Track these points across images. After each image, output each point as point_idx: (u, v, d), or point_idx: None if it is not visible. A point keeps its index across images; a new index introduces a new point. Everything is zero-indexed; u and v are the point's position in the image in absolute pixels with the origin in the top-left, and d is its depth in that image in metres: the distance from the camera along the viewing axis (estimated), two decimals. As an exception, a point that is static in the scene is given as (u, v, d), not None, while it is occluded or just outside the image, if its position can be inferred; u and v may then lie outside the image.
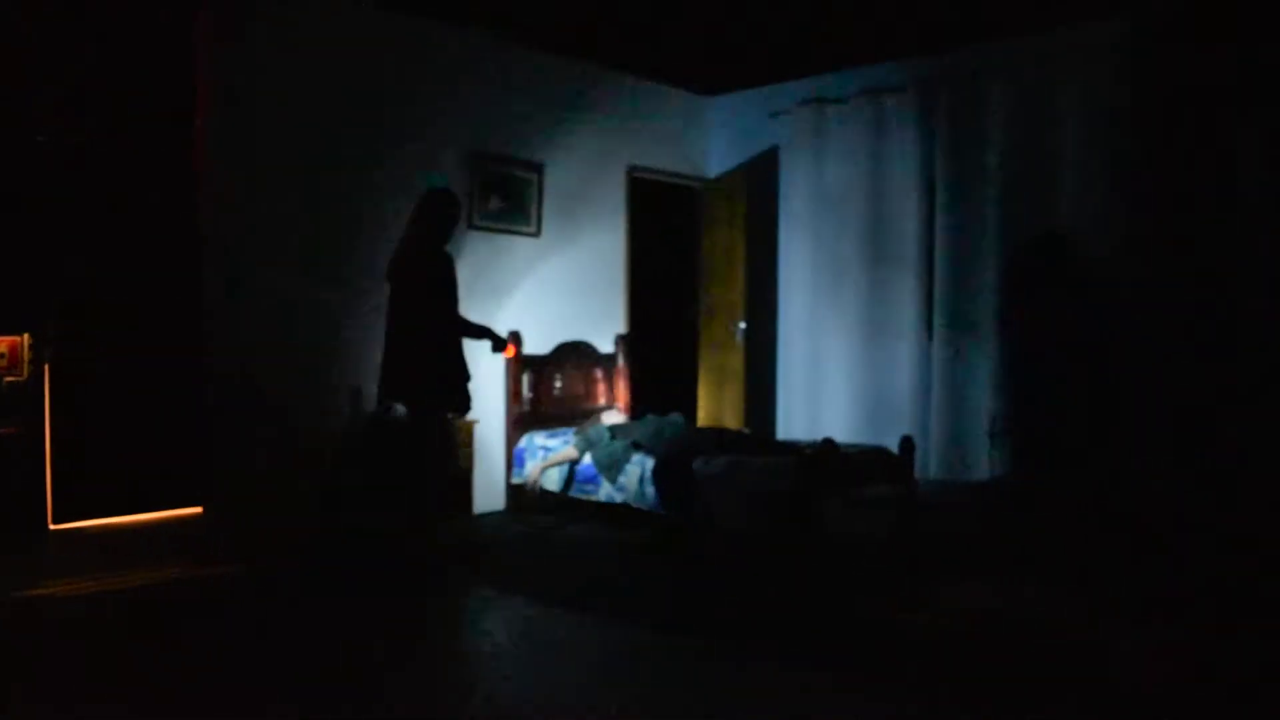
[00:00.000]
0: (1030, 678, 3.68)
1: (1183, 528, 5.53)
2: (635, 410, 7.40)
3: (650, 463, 5.86)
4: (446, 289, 5.13)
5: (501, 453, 6.68)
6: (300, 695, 3.51)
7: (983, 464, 6.54)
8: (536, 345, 6.92)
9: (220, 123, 5.43)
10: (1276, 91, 5.46)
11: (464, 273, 6.44)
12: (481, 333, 5.49)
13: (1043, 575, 5.01)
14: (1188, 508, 5.58)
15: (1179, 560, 5.27)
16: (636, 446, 6.06)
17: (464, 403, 5.33)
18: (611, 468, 6.03)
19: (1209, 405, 5.64)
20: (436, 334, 5.13)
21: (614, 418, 6.90)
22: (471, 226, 6.53)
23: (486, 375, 6.52)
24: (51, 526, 5.46)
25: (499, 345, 5.60)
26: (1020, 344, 6.38)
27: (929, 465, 6.73)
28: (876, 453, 5.93)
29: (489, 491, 6.59)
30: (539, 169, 6.96)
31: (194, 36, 5.40)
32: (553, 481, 6.36)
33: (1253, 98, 5.53)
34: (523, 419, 6.77)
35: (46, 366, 5.40)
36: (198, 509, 5.62)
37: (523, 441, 6.66)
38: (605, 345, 7.47)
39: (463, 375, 5.25)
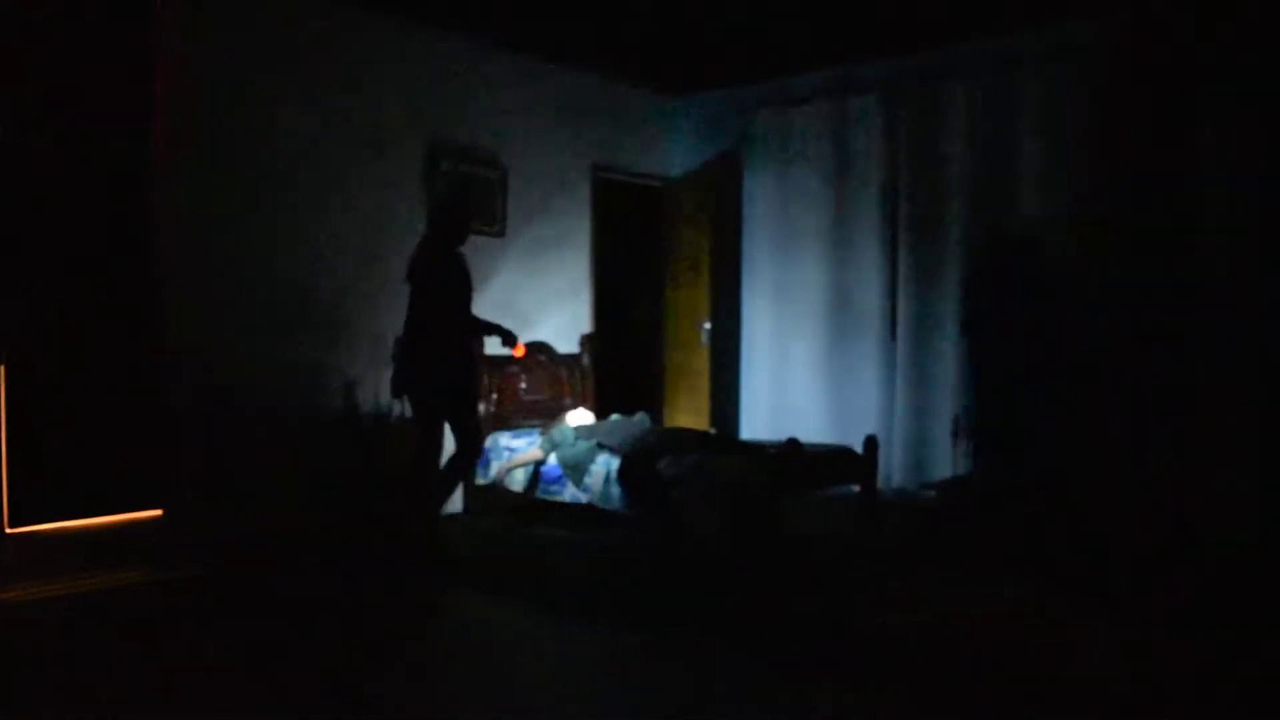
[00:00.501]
0: (995, 677, 3.72)
1: (1147, 526, 5.60)
2: (601, 410, 7.39)
3: (616, 463, 5.86)
4: (459, 289, 5.38)
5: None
6: (275, 699, 3.48)
7: (947, 464, 6.60)
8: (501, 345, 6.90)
9: (179, 121, 5.38)
10: (1234, 90, 5.54)
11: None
12: (492, 330, 5.64)
13: (1002, 574, 5.05)
14: (1152, 506, 5.66)
15: (1142, 558, 5.34)
16: (602, 447, 6.06)
17: (469, 393, 5.51)
18: (577, 468, 6.03)
19: (1172, 403, 5.71)
20: (447, 332, 5.35)
21: (580, 418, 6.89)
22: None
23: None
24: (8, 530, 5.37)
25: (509, 341, 5.69)
26: (984, 344, 6.44)
27: (893, 465, 6.79)
28: (841, 453, 5.97)
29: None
30: (503, 168, 6.93)
31: (152, 34, 5.34)
32: (518, 482, 6.34)
33: (1211, 97, 5.61)
34: (488, 419, 6.75)
35: (3, 368, 5.31)
36: (159, 511, 5.56)
37: (488, 442, 6.63)
38: (571, 345, 7.45)
39: (471, 372, 5.50)
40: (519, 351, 5.89)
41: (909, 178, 6.80)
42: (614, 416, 6.57)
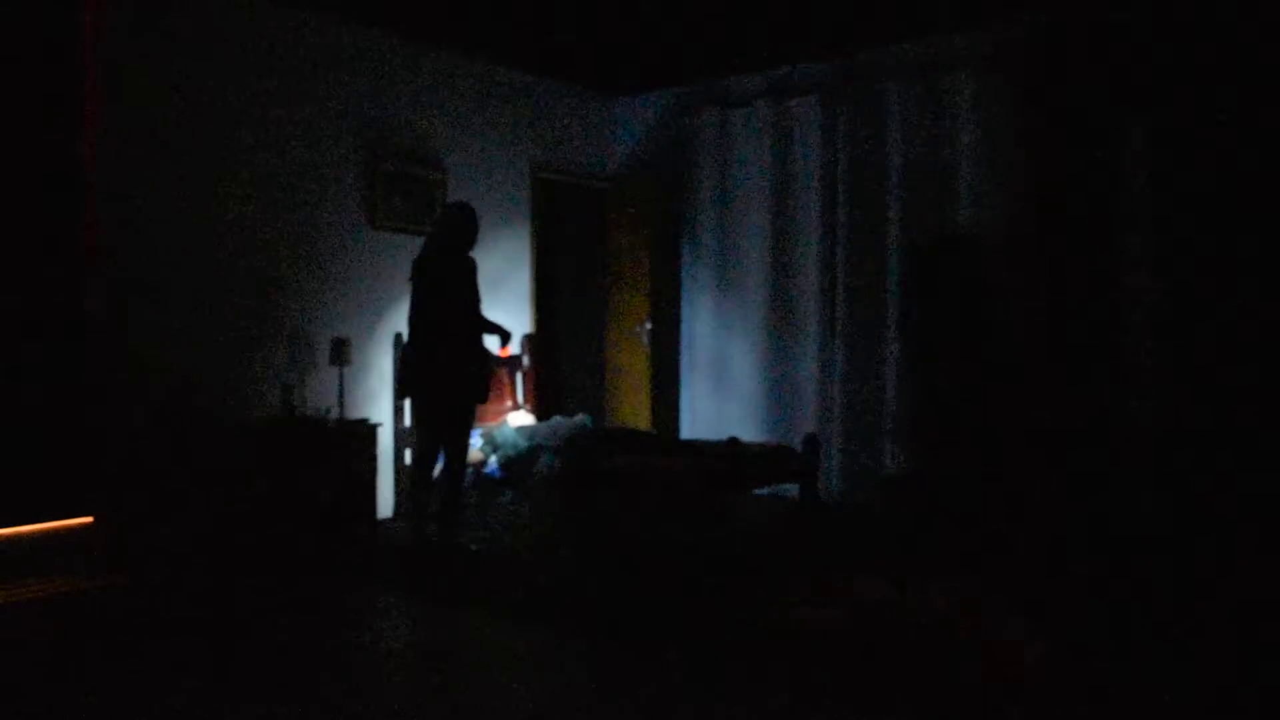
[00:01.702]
0: (911, 668, 3.75)
1: (1072, 523, 5.71)
2: (542, 411, 7.37)
3: (557, 464, 5.86)
4: (473, 289, 5.47)
5: (391, 457, 6.49)
6: (203, 707, 3.42)
7: (885, 461, 6.68)
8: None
9: (112, 119, 5.27)
10: (1163, 95, 5.67)
11: (366, 272, 6.38)
12: (494, 329, 5.70)
13: (940, 570, 5.12)
14: (1077, 504, 5.77)
15: (1066, 554, 5.43)
16: (543, 448, 6.04)
17: (485, 392, 5.55)
18: (518, 470, 6.01)
19: (1105, 402, 5.83)
20: (464, 329, 5.44)
21: (521, 419, 6.87)
22: (374, 226, 6.44)
23: (384, 376, 6.45)
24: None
25: (505, 340, 5.78)
26: (920, 343, 6.52)
27: (831, 464, 6.85)
28: (781, 451, 6.01)
29: (380, 497, 6.38)
30: (443, 168, 6.89)
31: (83, 29, 5.23)
32: (459, 484, 6.29)
33: (1138, 100, 5.74)
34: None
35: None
36: (89, 518, 5.43)
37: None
38: (511, 346, 7.41)
39: (486, 366, 5.56)
40: (504, 352, 5.90)
41: (848, 179, 6.87)
42: (555, 417, 6.56)
